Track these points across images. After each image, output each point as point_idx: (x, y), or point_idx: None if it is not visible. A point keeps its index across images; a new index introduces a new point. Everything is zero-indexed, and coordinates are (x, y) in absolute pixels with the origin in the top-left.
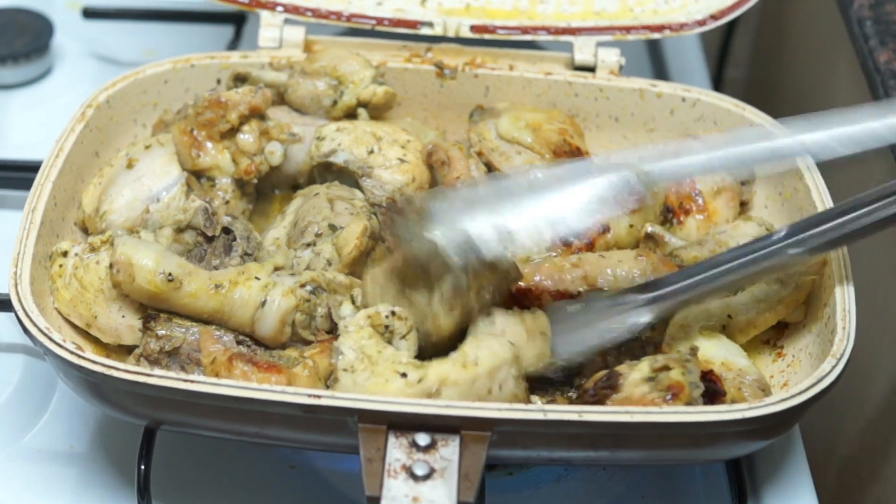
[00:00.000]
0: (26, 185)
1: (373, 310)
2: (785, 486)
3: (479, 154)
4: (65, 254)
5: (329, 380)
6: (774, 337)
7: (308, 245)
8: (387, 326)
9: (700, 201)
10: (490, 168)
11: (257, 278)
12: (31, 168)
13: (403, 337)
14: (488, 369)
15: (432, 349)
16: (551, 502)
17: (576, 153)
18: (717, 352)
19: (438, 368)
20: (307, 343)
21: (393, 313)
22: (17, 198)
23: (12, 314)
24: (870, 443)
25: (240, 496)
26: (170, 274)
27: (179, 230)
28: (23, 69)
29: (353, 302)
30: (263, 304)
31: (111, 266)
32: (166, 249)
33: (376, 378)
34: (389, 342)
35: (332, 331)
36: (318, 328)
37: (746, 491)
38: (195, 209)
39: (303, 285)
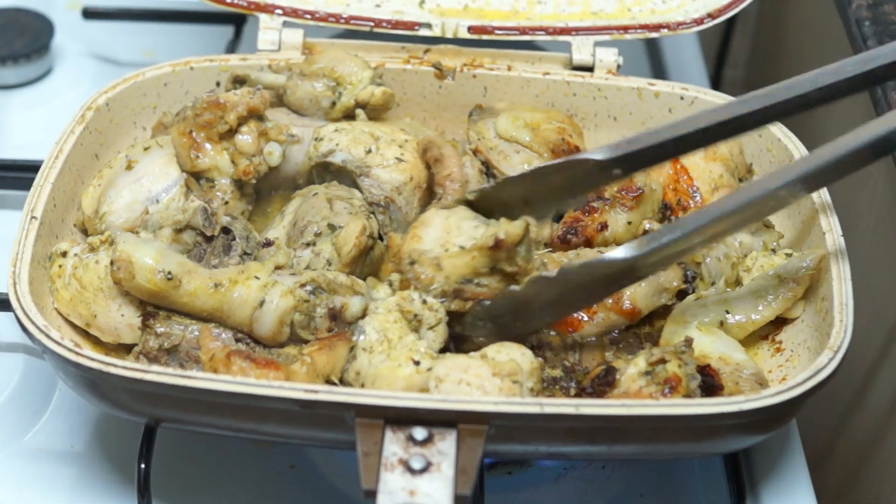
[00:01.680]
0: (26, 185)
1: (406, 294)
2: (783, 483)
3: (477, 152)
4: (64, 254)
5: (349, 356)
6: (773, 332)
7: (307, 245)
8: (416, 315)
9: (698, 198)
10: (488, 167)
11: (257, 277)
12: (31, 168)
13: (432, 328)
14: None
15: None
16: (550, 501)
17: (574, 152)
18: (715, 347)
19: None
20: (306, 342)
21: (425, 303)
22: (16, 198)
23: (12, 314)
24: (868, 440)
25: (240, 495)
26: (169, 272)
27: (178, 230)
28: (23, 69)
29: (391, 285)
30: (262, 304)
31: (112, 263)
32: (167, 247)
33: (390, 362)
34: (416, 331)
35: (332, 331)
36: (318, 328)
37: (745, 488)
38: (194, 209)
39: (303, 285)
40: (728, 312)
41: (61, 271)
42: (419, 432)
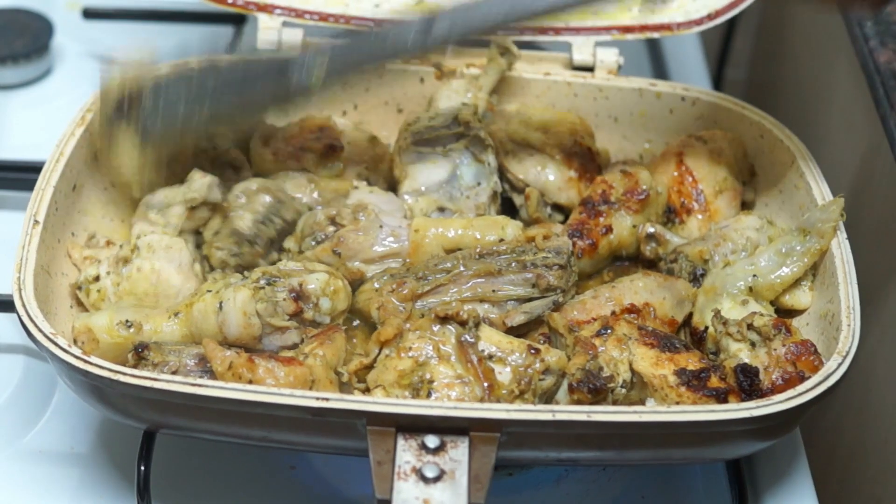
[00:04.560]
0: (26, 185)
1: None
2: (786, 487)
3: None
4: (96, 278)
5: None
6: None
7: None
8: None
9: (702, 200)
10: (501, 170)
11: (209, 291)
12: (32, 169)
13: None
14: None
15: None
16: (552, 502)
17: (587, 153)
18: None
19: None
20: (282, 329)
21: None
22: (16, 199)
23: (13, 314)
24: (870, 445)
25: (240, 497)
26: (127, 321)
27: (192, 208)
28: (23, 69)
29: None
30: (221, 306)
31: (74, 342)
32: (115, 304)
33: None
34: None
35: (301, 311)
36: (286, 312)
37: (747, 492)
38: (208, 185)
39: (255, 280)
40: (756, 276)
41: (102, 294)
42: (431, 440)
